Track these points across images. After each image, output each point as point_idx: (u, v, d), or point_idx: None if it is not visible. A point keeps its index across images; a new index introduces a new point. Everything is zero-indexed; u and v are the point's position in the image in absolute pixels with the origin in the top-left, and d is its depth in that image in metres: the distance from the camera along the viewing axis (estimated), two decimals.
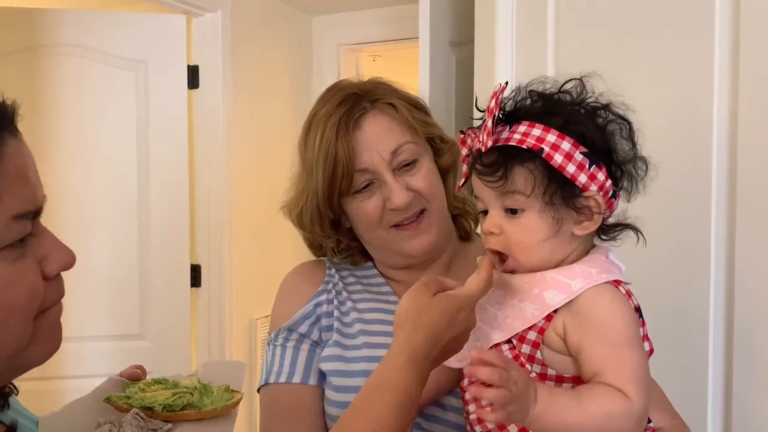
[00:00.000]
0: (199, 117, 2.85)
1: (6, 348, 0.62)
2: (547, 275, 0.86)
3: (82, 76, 2.66)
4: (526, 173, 0.84)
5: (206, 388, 0.88)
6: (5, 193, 0.60)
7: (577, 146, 0.83)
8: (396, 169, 1.04)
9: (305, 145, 1.08)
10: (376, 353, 1.03)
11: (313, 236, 1.13)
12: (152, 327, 2.76)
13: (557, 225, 0.85)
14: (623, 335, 0.81)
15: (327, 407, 1.06)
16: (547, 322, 0.84)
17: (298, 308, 1.11)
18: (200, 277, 2.88)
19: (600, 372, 0.79)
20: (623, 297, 0.84)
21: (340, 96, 1.06)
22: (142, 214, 2.74)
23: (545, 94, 0.88)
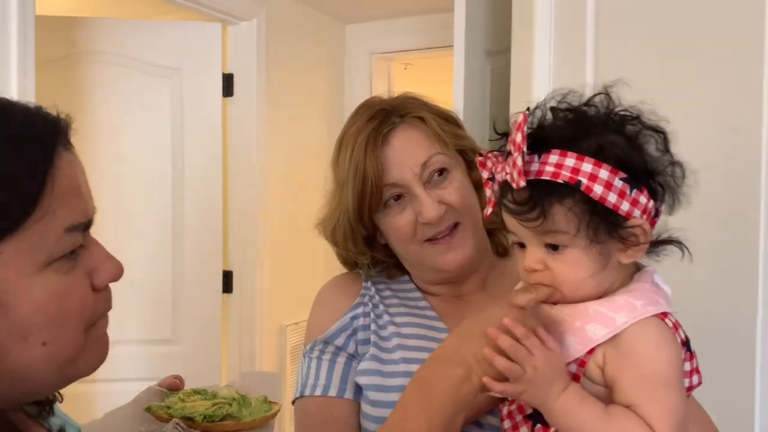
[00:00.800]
0: (234, 125, 2.87)
1: (59, 356, 0.62)
2: (590, 308, 0.81)
3: (118, 83, 2.70)
4: (566, 210, 0.78)
5: (245, 399, 0.88)
6: (58, 207, 0.61)
7: (615, 173, 0.77)
8: (427, 182, 1.03)
9: (337, 163, 1.08)
10: (414, 368, 1.00)
11: (347, 253, 1.12)
12: (184, 332, 2.78)
13: (604, 259, 0.80)
14: (662, 374, 0.78)
15: (363, 421, 1.04)
16: (589, 354, 0.81)
17: (335, 321, 1.10)
18: (232, 284, 2.90)
19: (634, 406, 0.77)
20: (669, 333, 0.80)
21: (369, 112, 1.06)
22: (176, 220, 2.76)
23: (571, 112, 0.82)
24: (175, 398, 0.87)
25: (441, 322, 1.08)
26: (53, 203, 0.60)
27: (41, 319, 0.60)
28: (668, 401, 0.77)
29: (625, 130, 0.81)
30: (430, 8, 3.21)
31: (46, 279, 0.60)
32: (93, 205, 0.67)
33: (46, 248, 0.60)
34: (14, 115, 0.62)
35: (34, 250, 0.59)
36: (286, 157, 3.09)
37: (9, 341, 0.59)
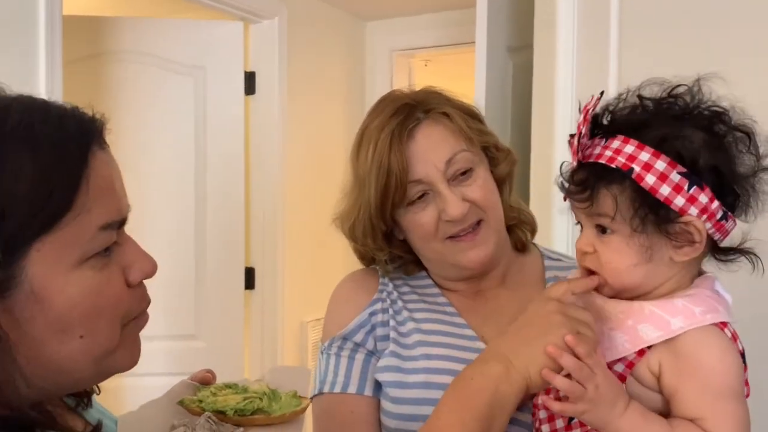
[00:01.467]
0: (255, 122, 2.89)
1: (95, 350, 0.64)
2: (645, 307, 0.79)
3: (142, 81, 2.72)
4: (613, 196, 0.78)
5: (275, 394, 0.89)
6: (93, 205, 0.62)
7: (674, 165, 0.75)
8: (451, 179, 1.02)
9: (357, 158, 1.06)
10: (435, 365, 1.02)
11: (365, 249, 1.11)
12: (207, 328, 2.81)
13: (648, 252, 0.79)
14: (728, 386, 0.75)
15: (384, 418, 1.04)
16: (639, 356, 0.79)
17: (353, 317, 1.09)
18: (254, 280, 2.92)
19: (698, 419, 0.75)
20: (731, 344, 0.78)
21: (392, 107, 1.04)
22: (198, 217, 2.79)
23: (651, 101, 0.80)
24: (207, 392, 0.88)
25: (460, 318, 1.08)
26: (88, 202, 0.62)
27: (77, 313, 0.61)
28: (736, 414, 0.75)
29: (709, 127, 0.78)
30: (450, 5, 3.21)
31: (81, 275, 0.62)
32: (127, 203, 0.69)
33: (81, 245, 0.62)
34: (51, 115, 0.63)
35: (70, 248, 0.61)
36: (307, 154, 3.10)
37: (47, 335, 0.61)
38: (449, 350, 1.03)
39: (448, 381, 0.98)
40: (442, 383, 0.99)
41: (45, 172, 0.59)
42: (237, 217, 2.84)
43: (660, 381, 0.78)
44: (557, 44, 1.70)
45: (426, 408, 0.97)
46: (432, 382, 1.00)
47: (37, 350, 0.61)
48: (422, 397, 0.99)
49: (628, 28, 1.55)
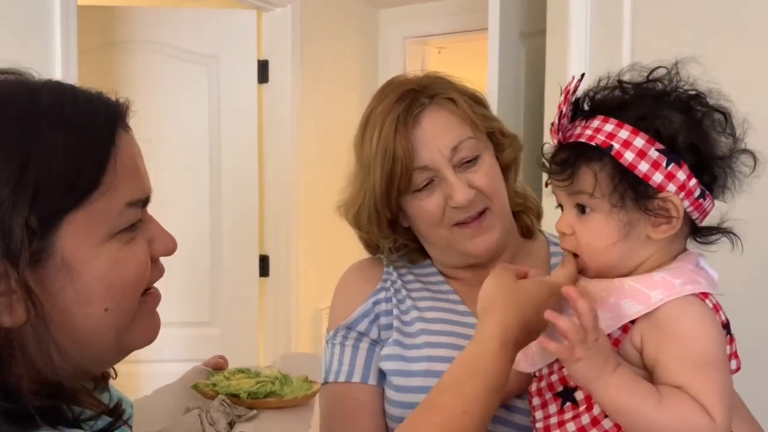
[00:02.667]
0: (269, 111, 2.90)
1: (118, 323, 0.67)
2: (625, 283, 0.80)
3: (156, 71, 2.74)
4: (593, 173, 0.79)
5: (286, 378, 0.90)
6: (120, 182, 0.66)
7: (652, 143, 0.77)
8: (457, 165, 1.01)
9: (362, 144, 1.06)
10: (438, 353, 1.02)
11: (370, 236, 1.11)
12: (222, 315, 2.84)
13: (627, 228, 0.80)
14: (708, 354, 0.76)
15: (387, 407, 1.05)
16: (624, 333, 0.80)
17: (357, 306, 1.09)
18: (268, 267, 2.94)
19: (680, 387, 0.75)
20: (710, 312, 0.78)
21: (397, 92, 1.04)
22: (213, 205, 2.81)
23: (631, 84, 0.82)
24: (220, 376, 0.89)
25: (464, 306, 1.08)
26: (115, 179, 0.65)
27: (104, 285, 0.65)
28: (718, 380, 0.75)
29: (687, 108, 0.80)
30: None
31: (110, 248, 0.65)
32: (149, 184, 0.72)
33: (110, 221, 0.65)
34: (79, 98, 0.68)
35: (99, 222, 0.64)
36: (321, 141, 3.11)
37: (75, 306, 0.64)
38: (452, 338, 1.03)
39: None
40: (443, 371, 0.99)
41: (76, 149, 0.63)
42: (251, 206, 2.85)
43: (642, 354, 0.79)
44: (570, 29, 1.68)
45: (425, 396, 0.99)
46: (434, 370, 1.00)
47: (66, 322, 0.63)
48: (425, 385, 0.99)
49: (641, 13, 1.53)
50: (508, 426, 0.98)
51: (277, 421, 0.87)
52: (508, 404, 0.98)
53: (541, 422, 0.85)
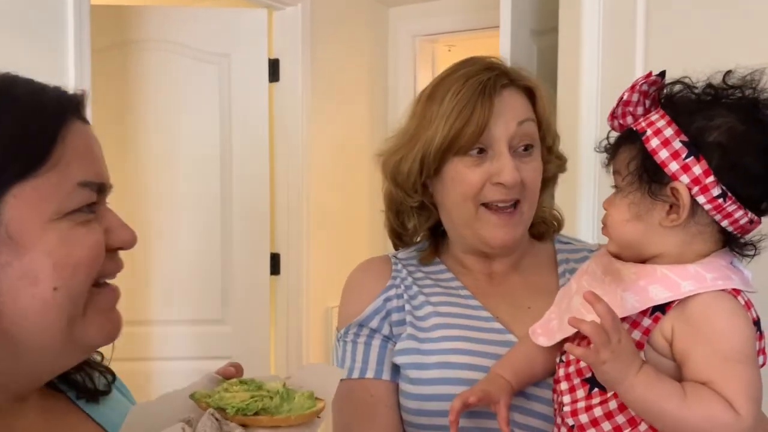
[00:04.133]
0: (279, 109, 2.90)
1: (69, 307, 0.64)
2: (658, 270, 0.83)
3: (167, 70, 2.74)
4: (626, 154, 0.85)
5: (289, 394, 0.82)
6: (72, 160, 0.65)
7: (679, 134, 0.81)
8: (513, 149, 1.03)
9: (431, 98, 1.06)
10: (454, 345, 1.03)
11: (399, 192, 1.10)
12: (233, 313, 2.84)
13: (636, 209, 0.84)
14: (738, 350, 0.77)
15: (404, 400, 1.05)
16: (654, 323, 0.81)
17: (367, 304, 1.10)
18: (279, 266, 2.94)
19: (708, 383, 0.76)
20: (741, 308, 0.79)
21: (483, 64, 1.06)
22: (224, 203, 2.81)
23: (705, 86, 0.84)
24: (221, 387, 0.82)
25: (475, 300, 1.09)
26: (66, 156, 0.64)
27: (52, 262, 0.63)
28: (746, 377, 0.76)
29: (746, 114, 0.81)
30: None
31: (61, 226, 0.64)
32: (107, 174, 0.70)
33: (60, 198, 0.64)
34: (33, 82, 0.68)
35: (49, 198, 0.63)
36: (331, 140, 3.11)
37: (21, 284, 0.62)
38: (467, 331, 1.05)
39: (466, 360, 1.01)
40: (460, 363, 1.01)
41: (23, 120, 0.63)
42: (262, 204, 2.86)
43: (672, 346, 0.80)
44: (582, 27, 1.68)
45: (445, 387, 1.00)
46: (449, 362, 1.01)
47: (12, 303, 0.62)
48: (441, 377, 1.01)
49: (654, 10, 1.53)
50: (527, 414, 0.98)
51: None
52: (526, 392, 0.98)
53: (568, 406, 0.86)
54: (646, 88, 0.85)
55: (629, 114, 0.86)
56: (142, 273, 2.72)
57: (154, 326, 2.78)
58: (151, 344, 2.77)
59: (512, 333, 1.04)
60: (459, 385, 0.98)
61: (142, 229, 2.60)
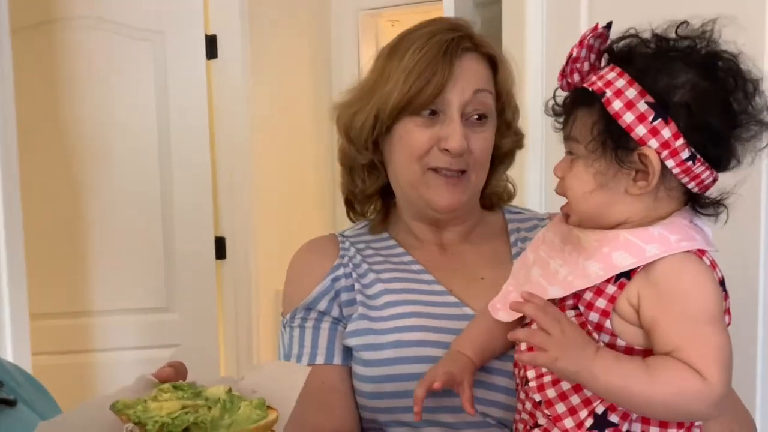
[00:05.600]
0: (219, 87, 2.80)
1: None
2: (621, 235, 0.79)
3: (97, 48, 2.61)
4: (584, 118, 0.79)
5: (234, 402, 0.68)
6: None
7: (643, 95, 0.75)
8: (465, 117, 1.00)
9: (392, 53, 1.03)
10: (407, 322, 1.00)
11: (352, 148, 1.07)
12: (179, 300, 2.76)
13: (603, 178, 0.79)
14: (706, 312, 0.74)
15: (358, 384, 1.02)
16: (619, 289, 0.78)
17: (314, 285, 1.06)
18: (225, 249, 2.86)
19: (676, 349, 0.74)
20: (708, 269, 0.77)
21: (450, 23, 1.04)
22: (164, 187, 2.71)
23: (657, 38, 0.79)
24: (150, 395, 0.68)
25: (428, 274, 1.06)
26: None
27: None
28: (715, 340, 0.74)
29: (704, 69, 0.77)
30: None
31: None
32: None
33: None
34: None
35: None
36: (275, 118, 3.03)
37: None
38: (421, 307, 1.02)
39: (421, 337, 0.98)
40: (415, 340, 0.98)
41: None
42: (204, 186, 2.77)
43: (639, 313, 0.77)
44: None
45: (400, 367, 0.97)
46: (405, 340, 0.98)
47: None
48: (396, 356, 0.98)
49: None
50: (490, 389, 0.96)
51: None
52: (488, 366, 0.96)
53: (534, 381, 0.83)
54: (592, 42, 0.80)
55: (576, 71, 0.80)
56: (80, 263, 2.62)
57: (95, 317, 2.68)
58: (94, 335, 2.68)
59: (467, 306, 1.02)
60: (416, 363, 0.96)
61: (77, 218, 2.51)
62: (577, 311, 0.80)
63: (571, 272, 0.81)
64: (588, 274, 0.78)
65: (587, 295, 0.80)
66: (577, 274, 0.80)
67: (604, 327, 0.79)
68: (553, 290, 0.81)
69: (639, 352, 0.78)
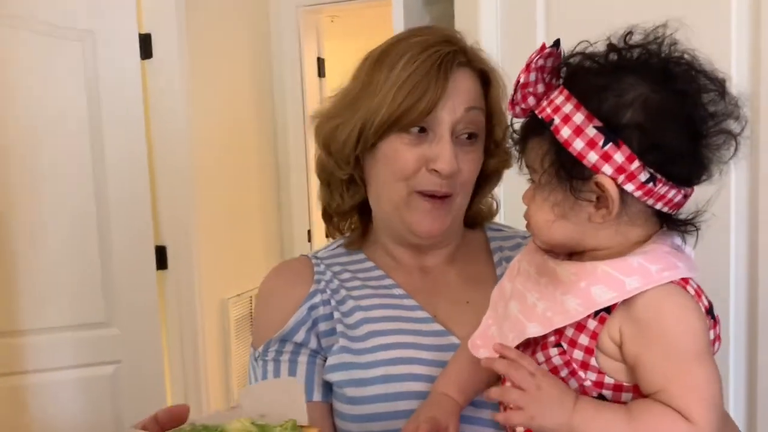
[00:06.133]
0: (155, 89, 2.66)
1: None
2: (599, 267, 0.73)
3: (22, 50, 2.43)
4: (537, 147, 0.75)
5: (265, 430, 0.62)
6: None
7: (591, 119, 0.70)
8: (455, 136, 0.94)
9: (380, 63, 0.95)
10: (393, 355, 0.93)
11: (332, 160, 1.00)
12: (119, 313, 2.61)
13: (560, 209, 0.75)
14: (691, 349, 0.70)
15: (341, 423, 0.94)
16: (600, 324, 0.73)
17: (287, 314, 0.98)
18: (166, 259, 2.73)
19: (661, 390, 0.70)
20: (691, 301, 0.72)
21: (441, 34, 0.97)
22: (99, 196, 2.56)
23: (607, 50, 0.74)
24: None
25: (411, 300, 0.99)
26: None
27: None
28: (700, 378, 0.70)
29: (660, 80, 0.71)
30: None
31: None
32: None
33: None
34: None
35: None
36: (214, 119, 2.92)
37: None
38: (405, 336, 0.95)
39: (409, 371, 0.91)
40: (403, 374, 0.91)
41: None
42: (142, 193, 2.62)
43: (622, 350, 0.73)
44: None
45: (388, 405, 0.89)
46: (392, 374, 0.91)
47: None
48: (383, 393, 0.91)
49: None
50: (477, 424, 0.90)
51: None
52: (473, 400, 0.90)
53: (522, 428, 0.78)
54: (542, 63, 0.74)
55: (530, 95, 0.75)
56: (7, 279, 2.45)
57: (26, 336, 2.50)
58: (26, 356, 2.50)
59: (453, 334, 0.95)
60: (405, 400, 0.90)
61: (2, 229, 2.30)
62: (560, 348, 0.76)
63: (549, 308, 0.76)
64: (567, 309, 0.74)
65: (569, 331, 0.75)
66: (556, 310, 0.75)
67: (590, 365, 0.74)
68: (532, 327, 0.76)
69: (628, 388, 0.74)
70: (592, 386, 0.74)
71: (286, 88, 3.38)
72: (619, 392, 0.74)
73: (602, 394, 0.74)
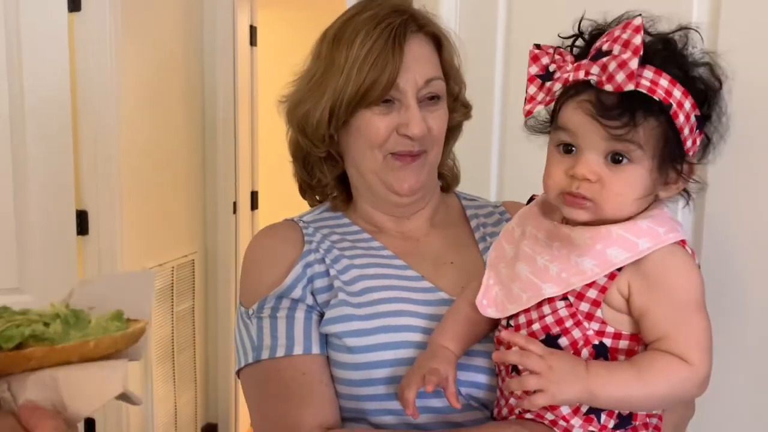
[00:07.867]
0: (82, 44, 2.50)
1: None
2: (613, 231, 0.81)
3: None
4: (651, 127, 0.78)
5: (78, 317, 0.58)
6: None
7: (695, 108, 0.80)
8: (420, 100, 1.02)
9: (338, 41, 1.01)
10: (392, 308, 0.98)
11: (307, 141, 1.05)
12: (34, 280, 2.48)
13: (654, 186, 0.82)
14: (694, 300, 0.80)
15: (340, 372, 0.97)
16: (610, 280, 0.81)
17: (281, 273, 1.01)
18: (87, 224, 2.61)
19: (664, 337, 0.79)
20: (692, 259, 0.82)
21: (389, 6, 1.02)
22: (17, 156, 2.41)
23: (659, 37, 0.82)
24: None
25: (399, 260, 1.06)
26: None
27: None
28: (700, 328, 0.80)
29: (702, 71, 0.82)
30: None
31: None
32: None
33: None
34: None
35: None
36: (143, 79, 2.79)
37: None
38: (399, 292, 1.01)
39: (406, 322, 0.97)
40: (402, 325, 0.97)
41: None
42: (64, 154, 2.48)
43: (629, 303, 0.81)
44: None
45: (388, 353, 0.95)
46: (392, 325, 0.97)
47: None
48: (387, 342, 0.96)
49: None
50: (471, 370, 0.96)
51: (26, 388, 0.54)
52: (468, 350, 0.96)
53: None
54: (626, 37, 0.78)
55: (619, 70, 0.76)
56: None
57: None
58: None
59: (443, 291, 1.02)
60: (405, 348, 0.95)
61: None
62: (567, 302, 0.83)
63: (564, 269, 0.83)
64: (583, 270, 0.81)
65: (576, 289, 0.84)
66: (571, 271, 0.82)
67: (594, 316, 0.82)
68: (549, 288, 0.83)
69: (626, 336, 0.83)
70: (594, 335, 0.82)
71: (218, 49, 3.28)
72: (618, 340, 0.83)
73: (602, 342, 0.82)
